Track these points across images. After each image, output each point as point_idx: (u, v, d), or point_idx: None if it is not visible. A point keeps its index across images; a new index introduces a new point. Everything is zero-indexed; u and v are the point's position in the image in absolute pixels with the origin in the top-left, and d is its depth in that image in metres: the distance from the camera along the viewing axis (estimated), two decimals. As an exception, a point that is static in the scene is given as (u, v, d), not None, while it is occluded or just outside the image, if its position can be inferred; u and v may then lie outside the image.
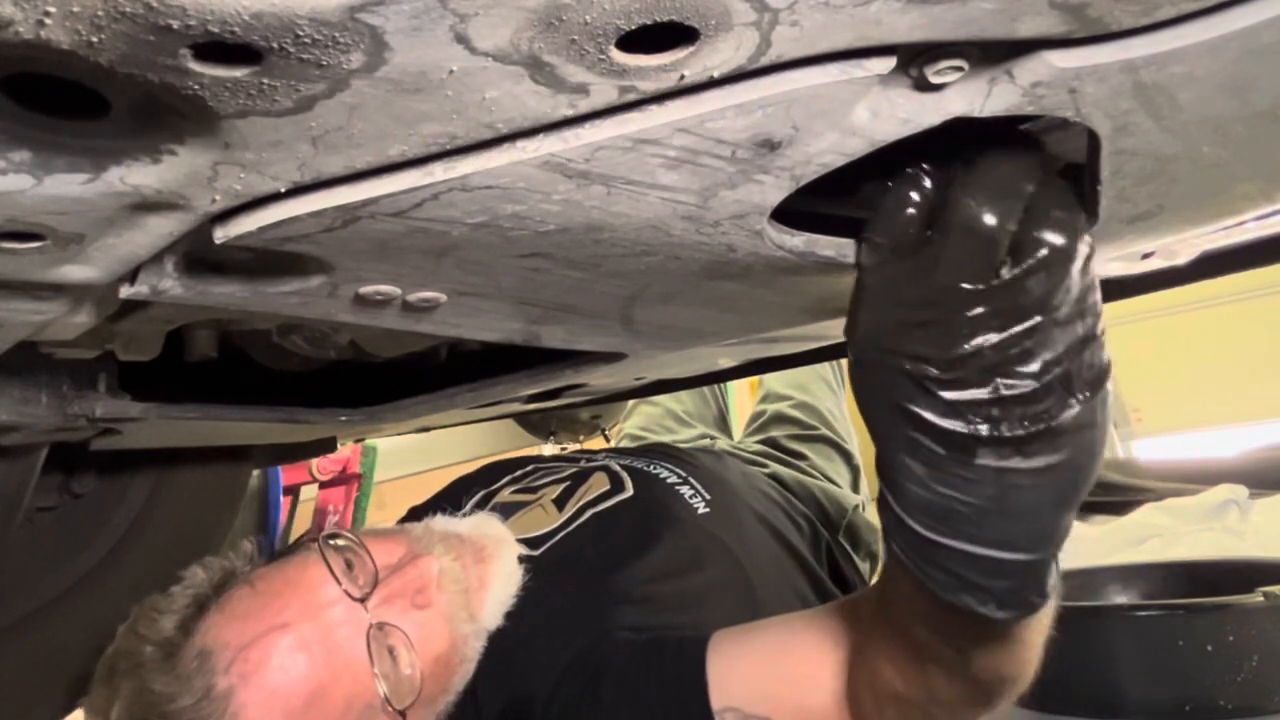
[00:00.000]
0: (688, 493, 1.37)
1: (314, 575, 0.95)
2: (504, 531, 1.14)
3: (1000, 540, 0.63)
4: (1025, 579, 0.65)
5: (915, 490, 0.63)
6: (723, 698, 0.88)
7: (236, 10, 0.37)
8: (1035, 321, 0.57)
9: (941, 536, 0.63)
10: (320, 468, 3.99)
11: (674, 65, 0.45)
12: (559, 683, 0.98)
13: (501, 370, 1.17)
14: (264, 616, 0.92)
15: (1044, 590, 0.66)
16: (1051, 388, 0.58)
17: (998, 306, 0.58)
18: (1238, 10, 0.49)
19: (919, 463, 0.62)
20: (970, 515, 0.62)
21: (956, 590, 0.65)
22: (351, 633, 0.91)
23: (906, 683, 0.79)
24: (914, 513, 0.64)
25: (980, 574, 0.64)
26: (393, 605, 0.95)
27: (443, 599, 0.98)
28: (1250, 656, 1.53)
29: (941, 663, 0.75)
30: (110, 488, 1.54)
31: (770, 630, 0.94)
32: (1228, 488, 2.93)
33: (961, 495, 0.61)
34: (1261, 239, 0.99)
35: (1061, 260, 0.58)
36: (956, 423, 0.59)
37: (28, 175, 0.49)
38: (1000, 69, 0.52)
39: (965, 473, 0.61)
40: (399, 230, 0.58)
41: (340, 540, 0.98)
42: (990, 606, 0.65)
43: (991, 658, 0.73)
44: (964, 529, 0.63)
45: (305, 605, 0.92)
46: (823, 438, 1.92)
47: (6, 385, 0.98)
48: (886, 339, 0.61)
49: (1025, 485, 0.61)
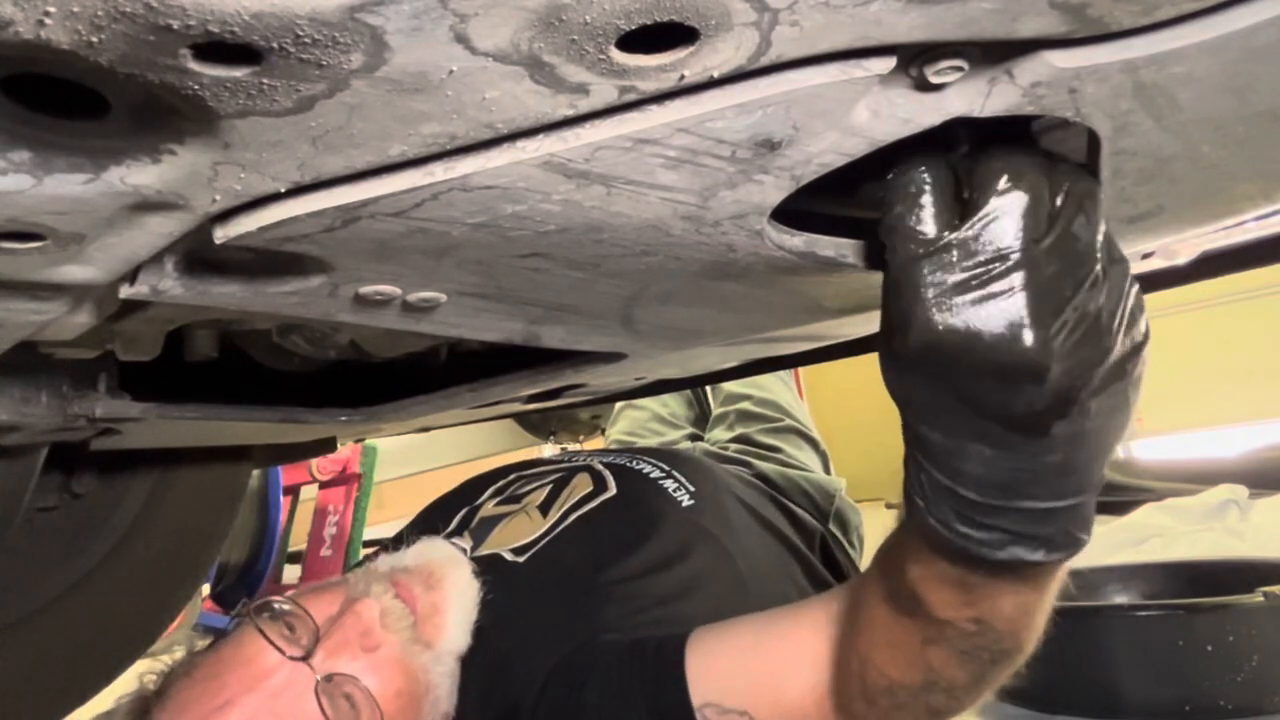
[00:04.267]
0: (671, 486, 1.37)
1: (250, 648, 0.94)
2: (451, 551, 1.13)
3: (1058, 493, 0.64)
4: (1074, 519, 0.66)
5: (975, 468, 0.63)
6: (702, 694, 0.89)
7: (236, 10, 0.37)
8: (1095, 271, 0.58)
9: (998, 500, 0.64)
10: (320, 468, 3.99)
11: (674, 65, 0.45)
12: (544, 690, 0.98)
13: (501, 370, 1.17)
14: (204, 700, 0.92)
15: (1088, 526, 0.67)
16: (1116, 338, 0.59)
17: (1064, 258, 0.57)
18: (1238, 10, 0.49)
19: (987, 446, 0.62)
20: (1033, 480, 0.63)
21: (1006, 545, 0.66)
22: (299, 693, 0.91)
23: (904, 669, 0.78)
24: (970, 486, 0.64)
25: (1033, 524, 0.65)
26: (340, 655, 0.95)
27: (391, 638, 0.98)
28: (1250, 656, 1.53)
29: (952, 643, 0.75)
30: (110, 488, 1.54)
31: (749, 624, 0.94)
32: (1228, 488, 2.93)
33: (1029, 466, 0.62)
34: (1261, 239, 0.99)
35: (1091, 200, 0.58)
36: (1039, 404, 0.59)
37: (28, 175, 0.49)
38: (1000, 69, 0.52)
39: (1035, 446, 0.61)
40: (399, 230, 0.58)
41: (276, 605, 0.98)
42: (1040, 553, 0.66)
43: (1011, 622, 0.74)
44: (1025, 491, 0.63)
45: (244, 679, 0.92)
46: (790, 428, 1.94)
47: (6, 385, 0.98)
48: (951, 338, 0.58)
49: (1089, 443, 0.62)
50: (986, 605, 0.72)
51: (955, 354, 0.59)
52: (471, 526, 1.31)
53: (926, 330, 0.59)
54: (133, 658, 1.67)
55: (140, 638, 1.69)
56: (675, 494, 1.36)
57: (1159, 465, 3.85)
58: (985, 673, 0.77)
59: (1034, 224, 0.57)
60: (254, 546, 3.74)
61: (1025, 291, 0.57)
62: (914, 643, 0.77)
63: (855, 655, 0.82)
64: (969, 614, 0.73)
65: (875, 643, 0.80)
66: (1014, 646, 0.76)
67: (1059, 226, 0.57)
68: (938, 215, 0.59)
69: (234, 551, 3.67)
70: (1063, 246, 0.57)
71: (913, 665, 0.78)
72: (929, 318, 0.58)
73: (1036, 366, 0.57)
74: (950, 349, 0.58)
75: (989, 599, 0.72)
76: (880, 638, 0.79)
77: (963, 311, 0.57)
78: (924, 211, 0.59)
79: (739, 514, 1.43)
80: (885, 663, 0.79)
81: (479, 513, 1.35)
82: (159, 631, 1.74)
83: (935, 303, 0.58)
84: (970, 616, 0.73)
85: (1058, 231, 0.57)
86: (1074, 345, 0.58)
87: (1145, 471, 3.69)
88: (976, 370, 0.59)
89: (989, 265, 0.57)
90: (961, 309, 0.58)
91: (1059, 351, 0.57)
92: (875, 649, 0.80)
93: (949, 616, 0.74)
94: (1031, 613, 0.74)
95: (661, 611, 1.11)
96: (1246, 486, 3.02)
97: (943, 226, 0.59)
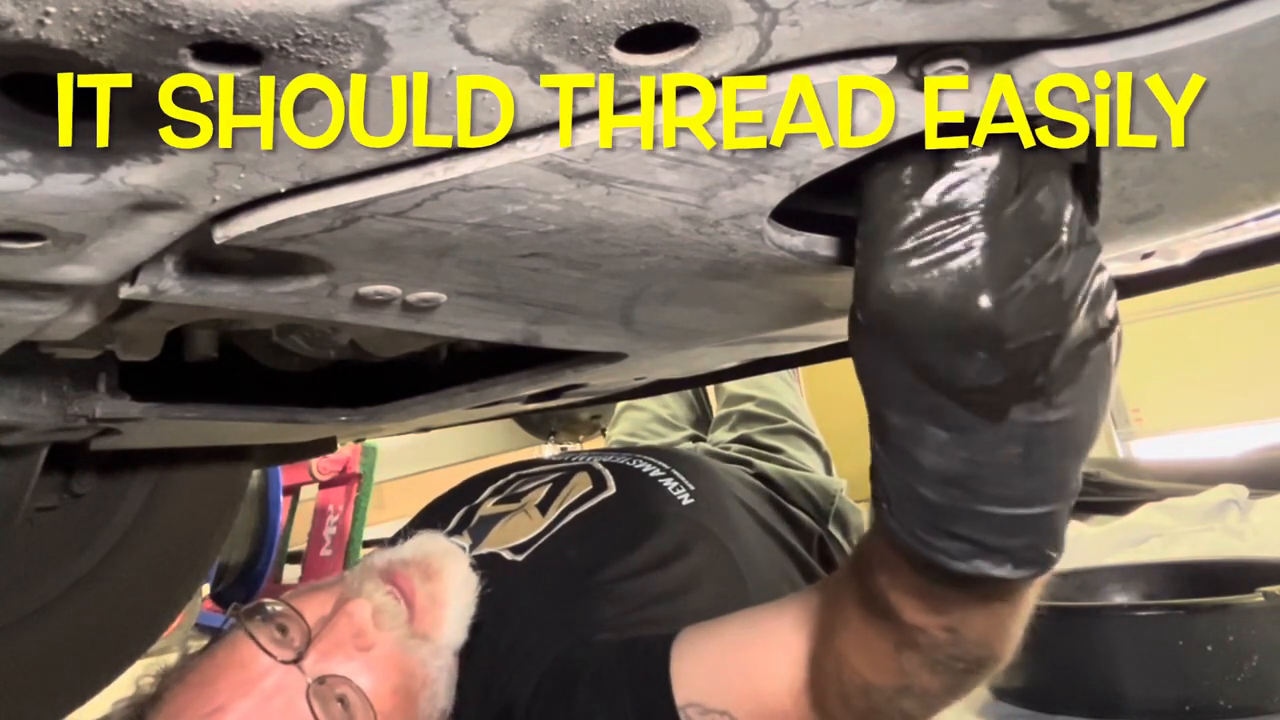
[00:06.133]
0: (671, 485, 1.37)
1: (243, 652, 0.94)
2: (448, 545, 1.13)
3: (1022, 497, 0.61)
4: (1042, 533, 0.63)
5: (933, 459, 0.61)
6: (685, 693, 0.88)
7: (236, 10, 0.37)
8: (1060, 243, 0.56)
9: (960, 502, 0.62)
10: (320, 468, 3.99)
11: (674, 65, 0.45)
12: (538, 688, 0.98)
13: (501, 370, 1.17)
14: (198, 706, 0.91)
15: (1059, 543, 0.65)
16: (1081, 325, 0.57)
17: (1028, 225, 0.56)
18: (1238, 10, 0.49)
19: (942, 429, 0.60)
20: (993, 476, 0.60)
21: (970, 557, 0.63)
22: (291, 697, 0.91)
23: (878, 671, 0.77)
24: (930, 483, 0.62)
25: (998, 535, 0.62)
26: (333, 656, 0.94)
27: (385, 635, 0.97)
28: (1250, 656, 1.53)
29: (925, 650, 0.74)
30: (110, 488, 1.54)
31: (734, 623, 0.94)
32: (1228, 488, 2.93)
33: (986, 457, 0.60)
34: (1261, 239, 0.99)
35: (1060, 170, 0.57)
36: (992, 378, 0.57)
37: (28, 175, 0.49)
38: (1000, 69, 0.52)
39: (993, 433, 0.59)
40: (399, 230, 0.58)
41: (268, 607, 0.98)
42: (1006, 568, 0.64)
43: (985, 633, 0.72)
44: (985, 491, 0.61)
45: (237, 684, 0.92)
46: (792, 429, 1.94)
47: (6, 385, 0.98)
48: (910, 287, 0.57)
49: (1051, 437, 0.60)
50: (957, 616, 0.71)
51: (908, 315, 0.57)
52: (471, 525, 1.31)
53: (882, 292, 0.58)
54: (133, 658, 1.67)
55: (140, 637, 1.69)
56: (675, 492, 1.36)
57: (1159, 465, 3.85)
58: (959, 681, 0.76)
59: (999, 189, 0.56)
60: (254, 546, 3.74)
61: (982, 252, 0.55)
62: (887, 647, 0.76)
63: (831, 655, 0.81)
64: (940, 622, 0.72)
65: (850, 643, 0.79)
66: (988, 656, 0.75)
67: (1023, 195, 0.56)
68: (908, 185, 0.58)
69: (234, 551, 3.67)
70: (1026, 214, 0.56)
71: (887, 668, 0.77)
72: (885, 279, 0.57)
73: (988, 328, 0.56)
74: (903, 311, 0.57)
75: (958, 610, 0.70)
76: (855, 639, 0.79)
77: (918, 273, 0.56)
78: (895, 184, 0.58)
79: (738, 513, 1.43)
80: (861, 664, 0.78)
81: (478, 511, 1.35)
82: (159, 631, 1.74)
83: (892, 265, 0.57)
84: (942, 625, 0.72)
85: (1021, 199, 0.56)
86: (1029, 313, 0.56)
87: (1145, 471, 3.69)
88: (927, 333, 0.57)
89: (948, 228, 0.56)
90: (918, 272, 0.56)
91: (1013, 316, 0.56)
92: (850, 649, 0.79)
93: (920, 624, 0.73)
94: (1005, 625, 0.72)
95: (659, 609, 1.11)
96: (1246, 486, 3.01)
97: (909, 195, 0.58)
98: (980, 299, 0.55)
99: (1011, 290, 0.55)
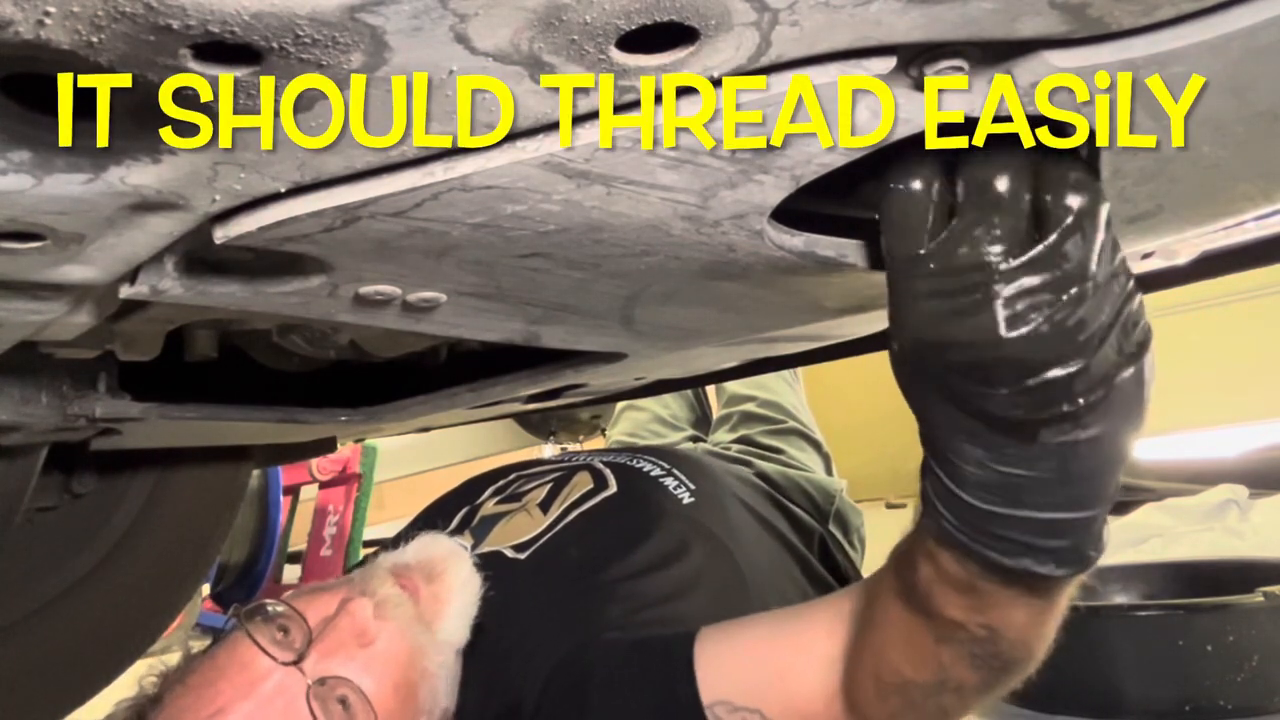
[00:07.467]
0: (672, 484, 1.37)
1: (244, 654, 0.94)
2: (451, 545, 1.13)
3: (1061, 504, 0.64)
4: (1083, 535, 0.66)
5: (973, 471, 0.64)
6: (712, 692, 0.88)
7: (236, 10, 0.37)
8: (1083, 287, 0.57)
9: (1001, 507, 0.64)
10: (320, 468, 3.99)
11: (674, 65, 0.45)
12: (546, 688, 0.97)
13: (501, 370, 1.17)
14: (199, 708, 0.91)
15: (1100, 544, 0.68)
16: (1106, 355, 0.59)
17: (1042, 276, 0.57)
18: (1238, 10, 0.49)
19: (978, 447, 0.63)
20: (1031, 487, 0.63)
21: (1016, 554, 0.66)
22: (291, 699, 0.90)
23: (917, 668, 0.78)
24: (971, 489, 0.65)
25: (1041, 536, 0.65)
26: (335, 656, 0.94)
27: (388, 625, 0.97)
28: (1250, 656, 1.53)
29: (964, 646, 0.75)
30: (110, 488, 1.54)
31: (760, 623, 0.94)
32: (1228, 488, 2.93)
33: (1023, 471, 0.62)
34: (1261, 239, 0.99)
35: (1091, 219, 0.58)
36: (1016, 410, 0.60)
37: (28, 175, 0.49)
38: (1000, 69, 0.52)
39: (1025, 452, 0.62)
40: (399, 230, 0.58)
41: (269, 608, 0.98)
42: (1050, 566, 0.66)
43: (1022, 631, 0.74)
44: (1025, 499, 0.64)
45: (238, 686, 0.91)
46: (793, 430, 1.94)
47: (6, 385, 0.98)
48: (931, 332, 0.60)
49: (1085, 454, 0.62)
50: (997, 614, 0.73)
51: (933, 355, 0.61)
52: (472, 525, 1.31)
53: (907, 334, 0.61)
54: (133, 658, 1.67)
55: (140, 637, 1.69)
56: (676, 491, 1.36)
57: (1159, 465, 3.85)
58: (995, 679, 0.78)
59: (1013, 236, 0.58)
60: (254, 546, 3.74)
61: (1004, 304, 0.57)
62: (927, 640, 0.77)
63: (869, 651, 0.82)
64: (980, 619, 0.73)
65: (890, 639, 0.80)
66: (1025, 655, 0.76)
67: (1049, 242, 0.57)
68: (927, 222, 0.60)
69: (234, 551, 3.67)
70: (1047, 262, 0.57)
71: (926, 663, 0.78)
72: (909, 320, 0.61)
73: (1007, 366, 0.58)
74: (928, 350, 0.61)
75: (999, 607, 0.72)
76: (895, 634, 0.80)
77: (940, 322, 0.59)
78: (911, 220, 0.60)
79: (739, 512, 1.43)
80: (899, 659, 0.79)
81: (479, 511, 1.35)
82: (159, 631, 1.74)
83: (914, 307, 0.60)
84: (981, 622, 0.73)
85: (1045, 246, 0.57)
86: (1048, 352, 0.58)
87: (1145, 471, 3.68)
88: (953, 370, 0.60)
89: (969, 274, 0.58)
90: (939, 320, 0.59)
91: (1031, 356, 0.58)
92: (889, 645, 0.80)
93: (960, 619, 0.74)
94: (1043, 623, 0.74)
95: (662, 609, 1.11)
96: (1246, 486, 3.02)
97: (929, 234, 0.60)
98: (998, 341, 0.58)
99: (1026, 334, 0.57)
